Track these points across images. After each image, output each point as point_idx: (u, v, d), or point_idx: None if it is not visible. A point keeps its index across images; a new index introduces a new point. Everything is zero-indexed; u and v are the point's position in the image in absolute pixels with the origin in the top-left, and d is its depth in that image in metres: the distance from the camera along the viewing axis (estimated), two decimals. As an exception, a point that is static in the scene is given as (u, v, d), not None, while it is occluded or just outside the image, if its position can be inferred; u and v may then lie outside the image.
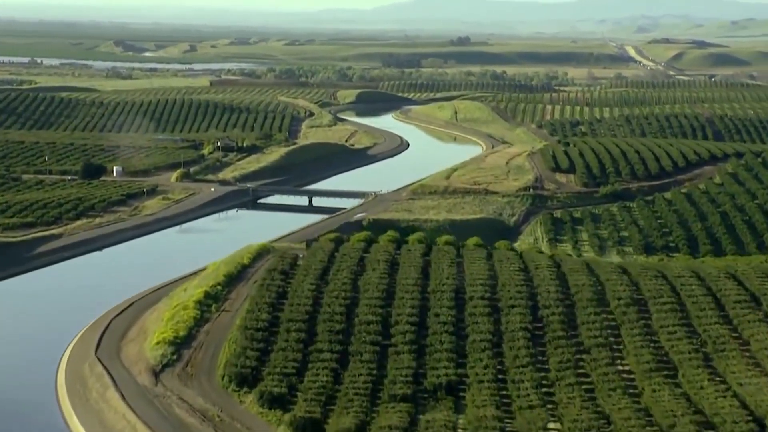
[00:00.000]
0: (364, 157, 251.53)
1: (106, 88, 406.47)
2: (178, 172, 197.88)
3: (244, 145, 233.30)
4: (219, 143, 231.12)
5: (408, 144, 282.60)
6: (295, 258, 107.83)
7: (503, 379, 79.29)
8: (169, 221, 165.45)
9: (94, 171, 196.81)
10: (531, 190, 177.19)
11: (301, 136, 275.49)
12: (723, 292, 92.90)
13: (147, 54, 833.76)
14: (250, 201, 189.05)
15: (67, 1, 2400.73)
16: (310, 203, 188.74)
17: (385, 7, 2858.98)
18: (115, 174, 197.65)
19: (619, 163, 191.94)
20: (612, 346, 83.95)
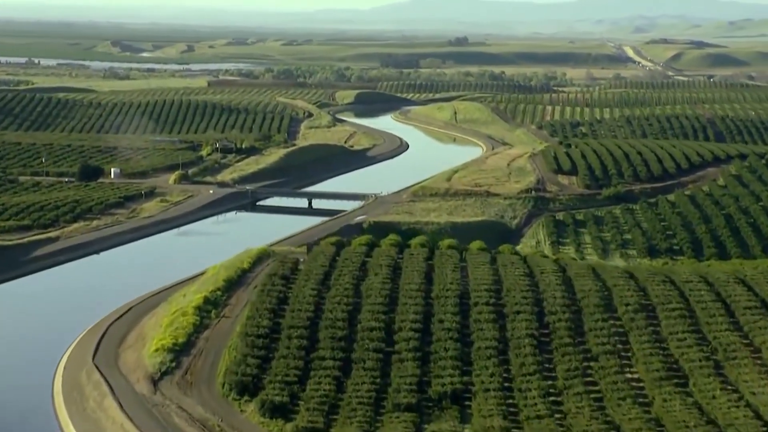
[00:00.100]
0: (363, 159, 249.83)
1: (104, 89, 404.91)
2: (177, 173, 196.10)
3: (243, 146, 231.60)
4: (217, 144, 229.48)
5: (408, 145, 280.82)
6: (295, 262, 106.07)
7: (510, 387, 77.71)
8: (168, 224, 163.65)
9: (92, 173, 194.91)
10: (533, 192, 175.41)
11: (300, 137, 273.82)
12: (732, 298, 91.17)
13: (144, 54, 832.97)
14: (249, 203, 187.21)
15: (65, 1, 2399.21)
16: (310, 205, 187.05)
17: (383, 7, 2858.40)
18: (112, 176, 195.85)
19: (621, 164, 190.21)
20: (620, 353, 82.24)
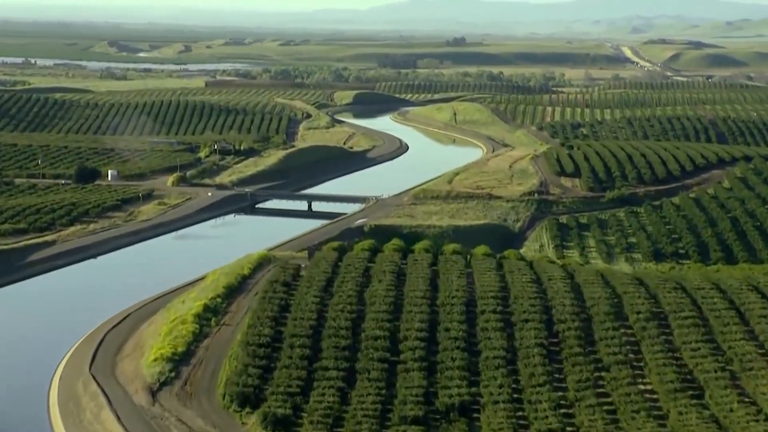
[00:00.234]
0: (363, 160, 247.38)
1: (101, 89, 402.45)
2: (175, 176, 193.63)
3: (242, 148, 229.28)
4: (216, 146, 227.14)
5: (407, 146, 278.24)
6: (297, 268, 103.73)
7: (519, 398, 75.37)
8: (166, 227, 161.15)
9: (89, 175, 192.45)
10: (536, 194, 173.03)
11: (299, 138, 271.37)
12: (746, 306, 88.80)
13: (141, 54, 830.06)
14: (248, 206, 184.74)
15: (62, 1, 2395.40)
16: (310, 208, 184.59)
17: (381, 7, 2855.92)
18: (109, 178, 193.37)
19: (625, 166, 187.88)
20: (632, 363, 79.88)
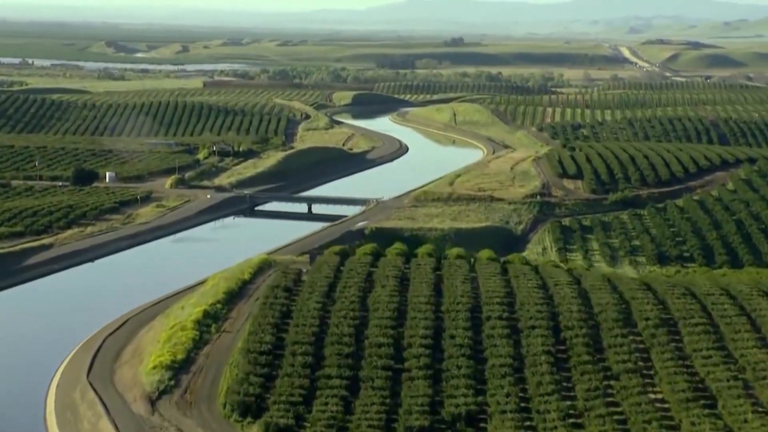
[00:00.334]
0: (362, 162, 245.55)
1: (98, 90, 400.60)
2: (173, 177, 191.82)
3: (240, 149, 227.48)
4: (214, 147, 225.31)
5: (407, 148, 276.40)
6: (298, 273, 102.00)
7: (527, 408, 73.57)
8: (164, 230, 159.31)
9: (86, 177, 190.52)
10: (538, 197, 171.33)
11: (298, 139, 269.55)
12: (758, 312, 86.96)
13: (139, 55, 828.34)
14: (248, 208, 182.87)
15: (59, 1, 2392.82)
16: (310, 210, 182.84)
17: (379, 7, 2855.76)
18: (107, 180, 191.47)
19: (627, 168, 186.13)
20: (642, 372, 78.04)
